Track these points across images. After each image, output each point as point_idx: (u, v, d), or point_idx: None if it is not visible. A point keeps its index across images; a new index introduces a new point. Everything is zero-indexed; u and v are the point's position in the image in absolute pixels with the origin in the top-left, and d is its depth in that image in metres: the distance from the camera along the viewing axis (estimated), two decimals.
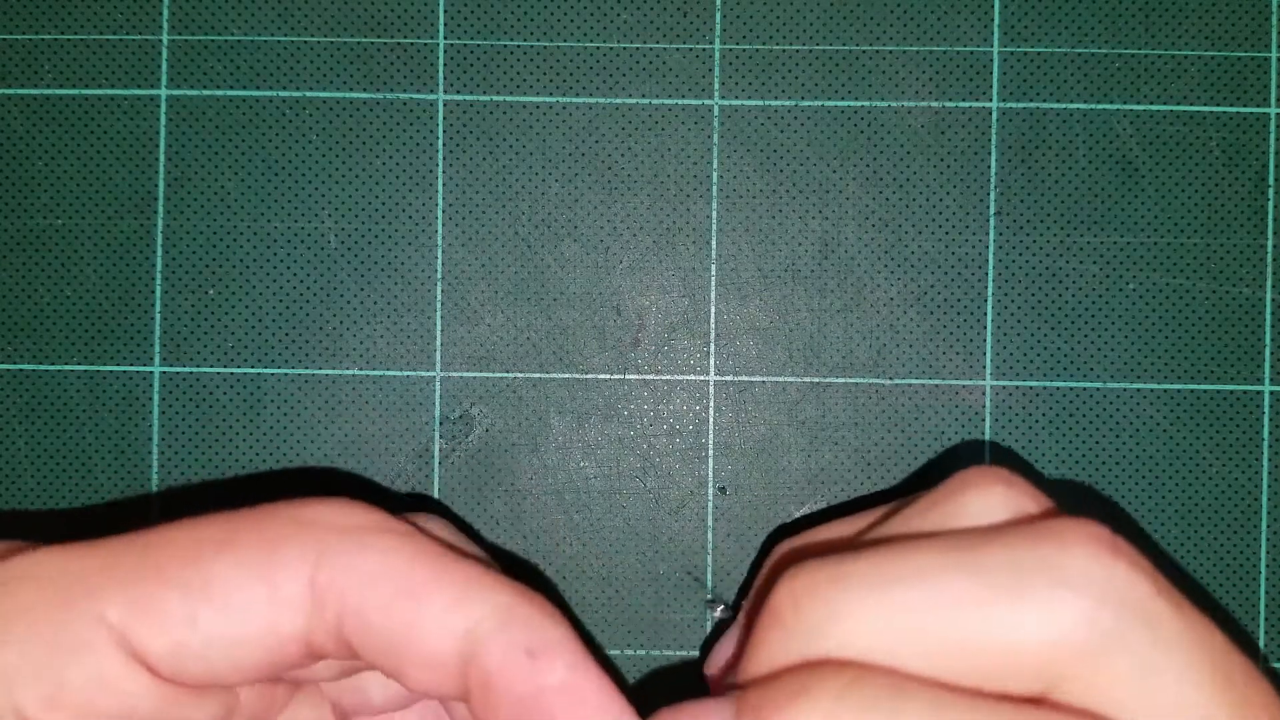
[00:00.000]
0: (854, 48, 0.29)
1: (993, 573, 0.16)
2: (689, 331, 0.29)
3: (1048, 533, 0.16)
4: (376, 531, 0.17)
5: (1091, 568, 0.16)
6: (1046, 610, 0.15)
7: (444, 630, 0.16)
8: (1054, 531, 0.16)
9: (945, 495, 0.18)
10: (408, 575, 0.17)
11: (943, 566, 0.16)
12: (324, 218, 0.29)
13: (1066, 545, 0.16)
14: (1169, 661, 0.15)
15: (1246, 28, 0.29)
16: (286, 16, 0.29)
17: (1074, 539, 0.16)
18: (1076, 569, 0.15)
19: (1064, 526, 0.16)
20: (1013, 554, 0.16)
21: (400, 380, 0.29)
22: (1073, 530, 0.16)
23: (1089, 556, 0.16)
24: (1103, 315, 0.29)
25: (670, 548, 0.29)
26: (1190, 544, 0.29)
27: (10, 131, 0.29)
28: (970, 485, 0.18)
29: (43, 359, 0.29)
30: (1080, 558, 0.16)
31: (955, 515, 0.18)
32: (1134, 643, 0.15)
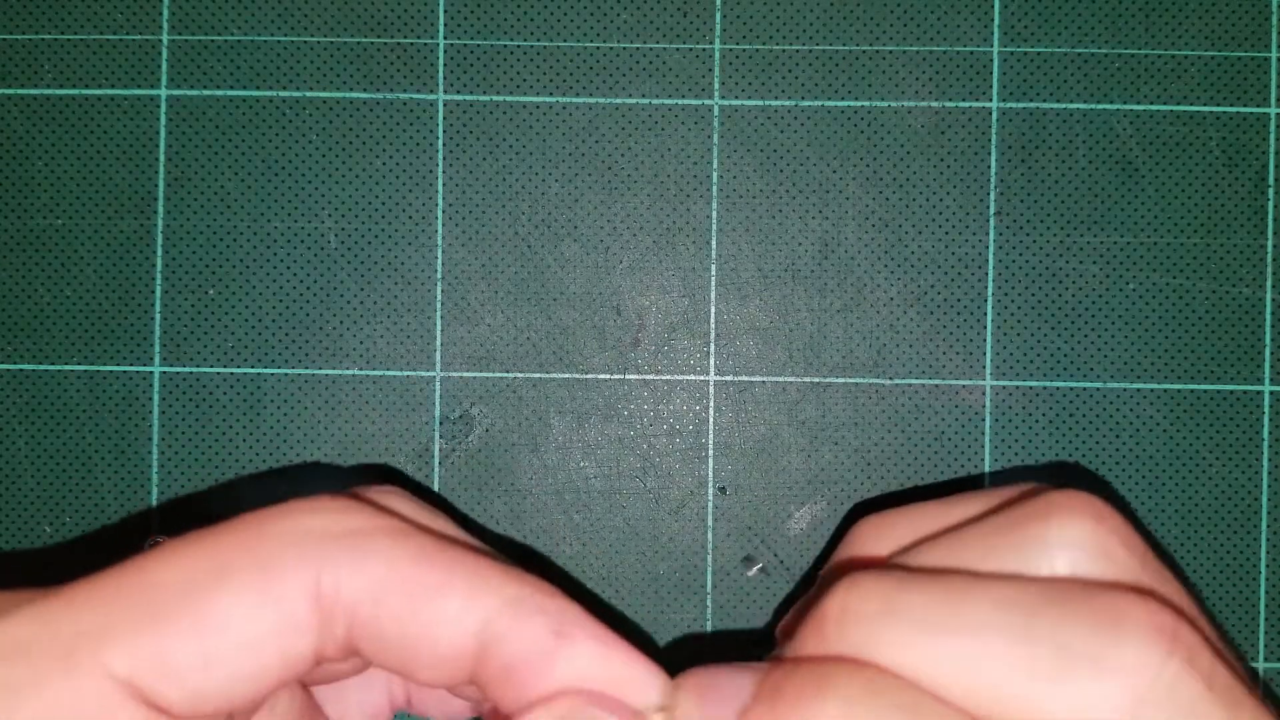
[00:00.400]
0: (854, 48, 0.29)
1: (1040, 648, 0.15)
2: (689, 331, 0.29)
3: (1106, 613, 0.16)
4: (371, 534, 0.17)
5: (1142, 663, 0.15)
6: (1087, 696, 0.15)
7: (458, 629, 0.16)
8: (1113, 613, 0.16)
9: (1028, 518, 0.18)
10: (414, 578, 0.16)
11: (994, 626, 0.16)
12: (324, 218, 0.29)
13: (1122, 632, 0.15)
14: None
15: (1246, 28, 0.29)
16: (286, 16, 0.29)
17: (1131, 627, 0.15)
18: (1126, 663, 0.15)
19: (1124, 609, 0.16)
20: (1065, 630, 0.15)
21: (400, 380, 0.29)
22: (1132, 616, 0.16)
23: (1141, 650, 0.15)
24: (1103, 315, 0.29)
25: (670, 548, 0.29)
26: (1190, 544, 0.29)
27: (10, 131, 0.29)
28: (1055, 514, 0.18)
29: (43, 359, 0.29)
30: (1132, 649, 0.15)
31: (1033, 545, 0.17)
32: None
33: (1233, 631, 0.29)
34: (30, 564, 0.29)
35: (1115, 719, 0.15)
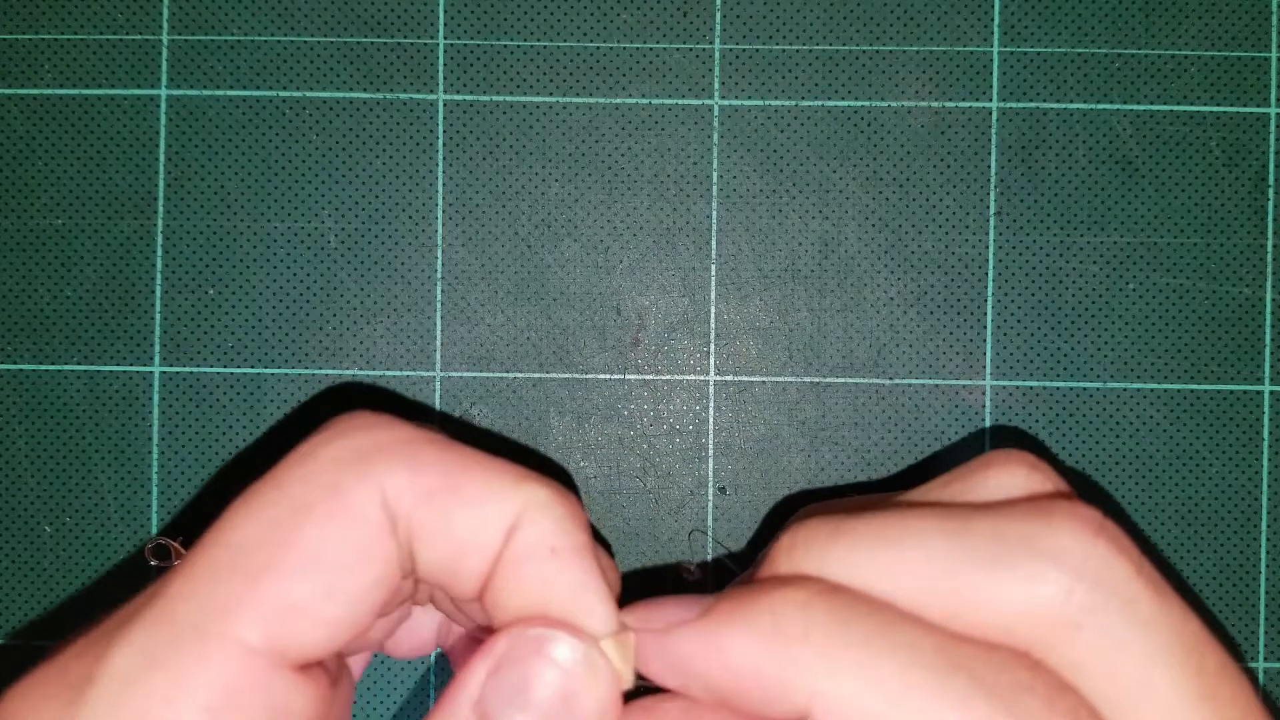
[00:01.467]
0: (854, 48, 0.29)
1: (978, 541, 0.16)
2: (689, 331, 0.29)
3: (1037, 509, 0.17)
4: (417, 443, 0.18)
5: (1072, 544, 0.16)
6: (1024, 581, 0.16)
7: (494, 519, 0.17)
8: (1042, 509, 0.17)
9: (967, 472, 0.19)
10: (461, 477, 0.17)
11: (932, 531, 0.17)
12: (324, 218, 0.29)
13: (1052, 522, 0.16)
14: (1141, 642, 0.16)
15: (1246, 28, 0.29)
16: (286, 16, 0.29)
17: (1060, 517, 0.17)
18: (1058, 545, 0.16)
19: (1053, 505, 0.17)
20: (1000, 526, 0.17)
21: (400, 380, 0.29)
22: (1061, 509, 0.17)
23: (1071, 533, 0.16)
24: (1103, 315, 0.29)
25: (670, 548, 0.29)
26: (1190, 544, 0.29)
27: (10, 131, 0.29)
28: (993, 465, 0.19)
29: (43, 359, 0.29)
30: (1063, 534, 0.16)
31: (971, 491, 0.18)
32: (1107, 620, 0.16)
33: (1233, 631, 0.29)
34: (30, 563, 0.29)
35: (1058, 594, 0.16)
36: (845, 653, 0.16)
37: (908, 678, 0.16)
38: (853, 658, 0.16)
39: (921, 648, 0.16)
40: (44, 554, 0.29)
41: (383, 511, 0.17)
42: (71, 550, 0.29)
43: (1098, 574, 0.16)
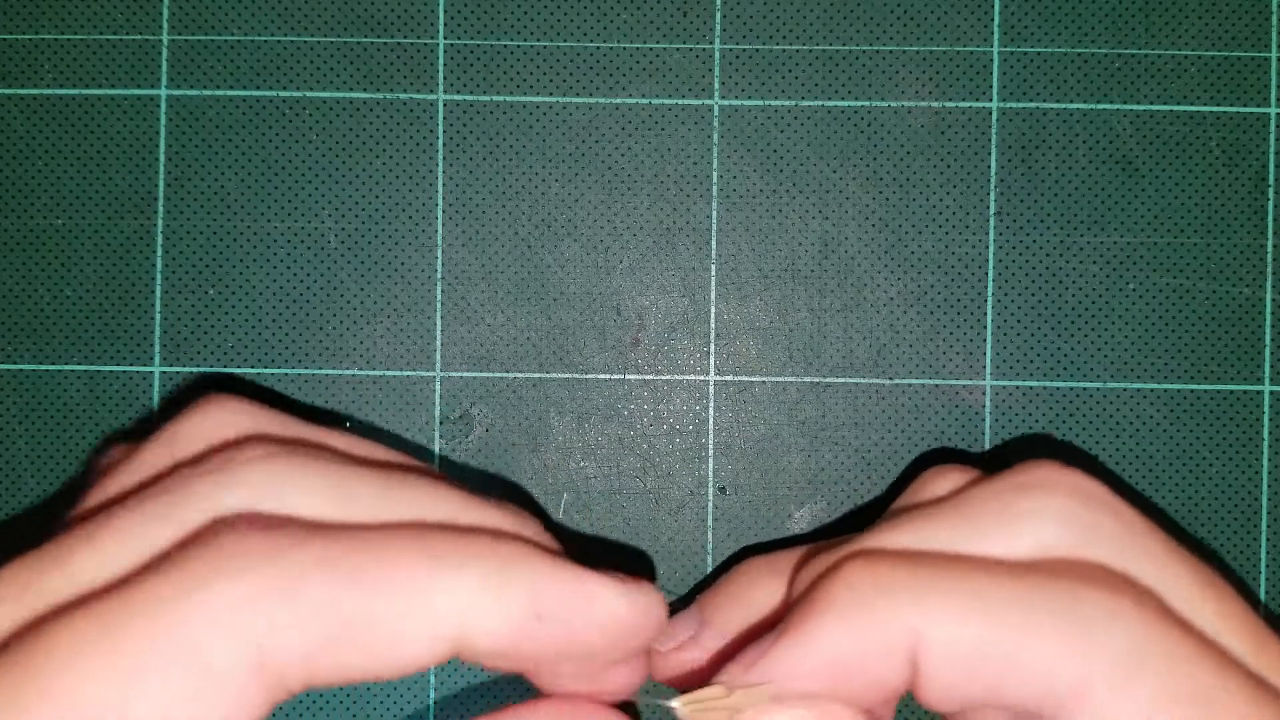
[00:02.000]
0: (854, 48, 0.29)
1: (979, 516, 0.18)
2: (689, 331, 0.29)
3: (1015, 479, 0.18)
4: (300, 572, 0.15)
5: (1055, 473, 0.18)
6: (1035, 523, 0.17)
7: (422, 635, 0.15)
8: (1025, 470, 0.18)
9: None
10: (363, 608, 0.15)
11: (938, 522, 0.18)
12: (324, 218, 0.29)
13: (1031, 475, 0.18)
14: (1140, 545, 0.17)
15: (1246, 28, 0.29)
16: (286, 16, 0.29)
17: (1040, 468, 0.18)
18: (1043, 476, 0.18)
19: (1031, 466, 0.19)
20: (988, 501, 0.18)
21: (400, 380, 0.29)
22: (1037, 465, 0.18)
23: (1050, 466, 0.18)
24: (1103, 315, 0.29)
25: (670, 548, 0.29)
26: (1190, 544, 0.29)
27: (10, 131, 0.29)
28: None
29: (43, 359, 0.29)
30: (1047, 472, 0.18)
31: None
32: (1111, 529, 0.17)
33: None
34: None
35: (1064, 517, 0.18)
36: (927, 588, 0.16)
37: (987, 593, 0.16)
38: (938, 589, 0.16)
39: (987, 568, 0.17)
40: None
41: (253, 674, 0.14)
42: None
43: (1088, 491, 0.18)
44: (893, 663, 0.16)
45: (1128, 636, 0.16)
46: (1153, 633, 0.16)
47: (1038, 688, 0.16)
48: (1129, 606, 0.16)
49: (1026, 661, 0.16)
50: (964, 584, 0.16)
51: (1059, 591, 0.16)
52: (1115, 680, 0.15)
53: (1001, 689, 0.16)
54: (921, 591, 0.16)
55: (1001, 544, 0.17)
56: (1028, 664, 0.16)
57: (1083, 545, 0.17)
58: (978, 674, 0.16)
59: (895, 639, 0.16)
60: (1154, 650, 0.15)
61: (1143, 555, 0.17)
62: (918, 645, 0.16)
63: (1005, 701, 0.16)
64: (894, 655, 0.16)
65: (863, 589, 0.17)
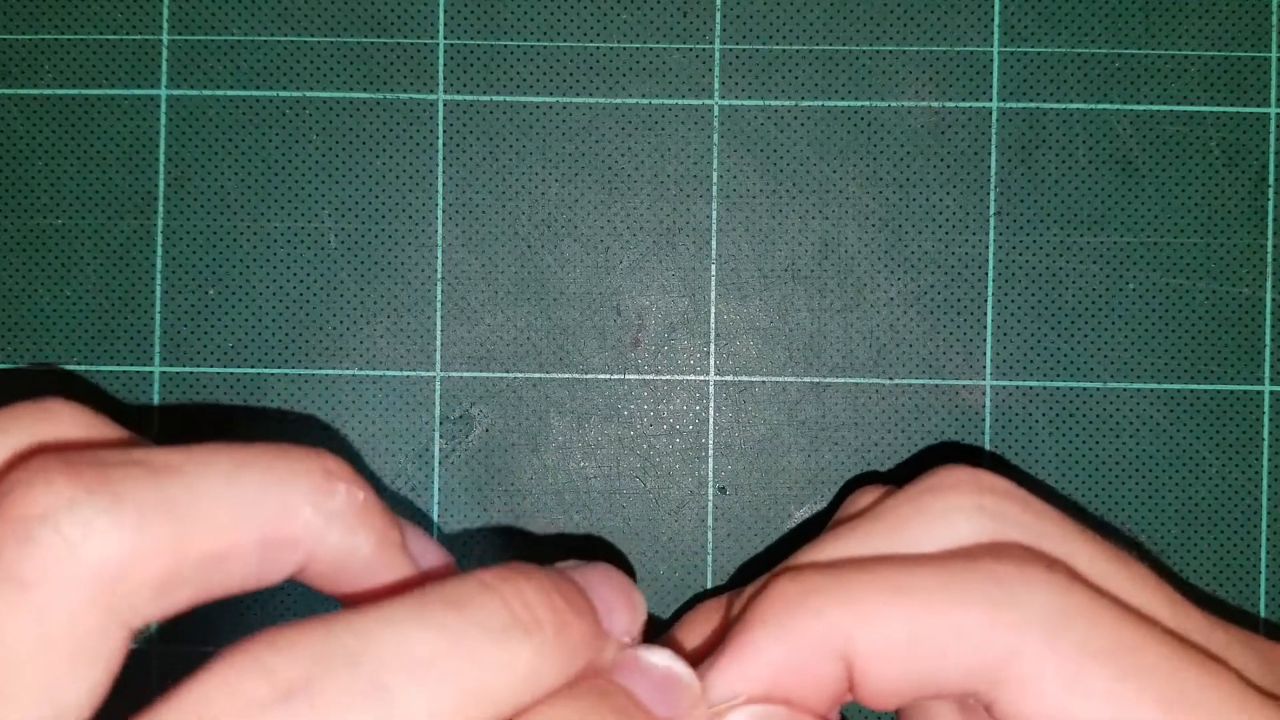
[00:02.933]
0: (854, 48, 0.29)
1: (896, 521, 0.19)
2: (689, 331, 0.29)
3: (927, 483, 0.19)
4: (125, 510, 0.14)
5: (962, 473, 0.19)
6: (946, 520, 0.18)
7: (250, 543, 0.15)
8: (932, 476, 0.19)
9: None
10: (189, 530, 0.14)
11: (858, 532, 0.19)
12: (324, 218, 0.29)
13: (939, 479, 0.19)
14: (1048, 527, 0.18)
15: (1246, 28, 0.29)
16: (286, 16, 0.29)
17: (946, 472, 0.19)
18: (951, 477, 0.19)
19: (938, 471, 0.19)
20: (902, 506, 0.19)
21: (400, 380, 0.29)
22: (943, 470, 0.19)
23: (957, 469, 0.19)
24: (1103, 315, 0.29)
25: (670, 548, 0.29)
26: (1190, 544, 0.29)
27: (10, 131, 0.29)
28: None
29: (43, 359, 0.29)
30: (951, 474, 0.19)
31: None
32: (1017, 516, 0.18)
33: None
34: None
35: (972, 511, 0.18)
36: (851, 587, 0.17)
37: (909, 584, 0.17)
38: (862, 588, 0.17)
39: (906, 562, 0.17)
40: None
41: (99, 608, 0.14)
42: None
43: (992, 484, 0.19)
44: (828, 665, 0.17)
45: (1047, 599, 0.16)
46: (1069, 594, 0.16)
47: (970, 663, 0.16)
48: (1043, 573, 0.17)
49: (957, 639, 0.16)
50: (886, 579, 0.17)
51: (976, 571, 0.17)
52: (1042, 641, 0.16)
53: (937, 673, 0.16)
54: (846, 592, 0.17)
55: (917, 544, 0.18)
56: (957, 643, 0.16)
57: (993, 532, 0.18)
58: (912, 662, 0.16)
59: (826, 641, 0.17)
60: (1073, 610, 0.16)
61: (1052, 536, 0.18)
62: (849, 645, 0.17)
63: (943, 686, 0.17)
64: (828, 657, 0.17)
65: (790, 598, 0.17)
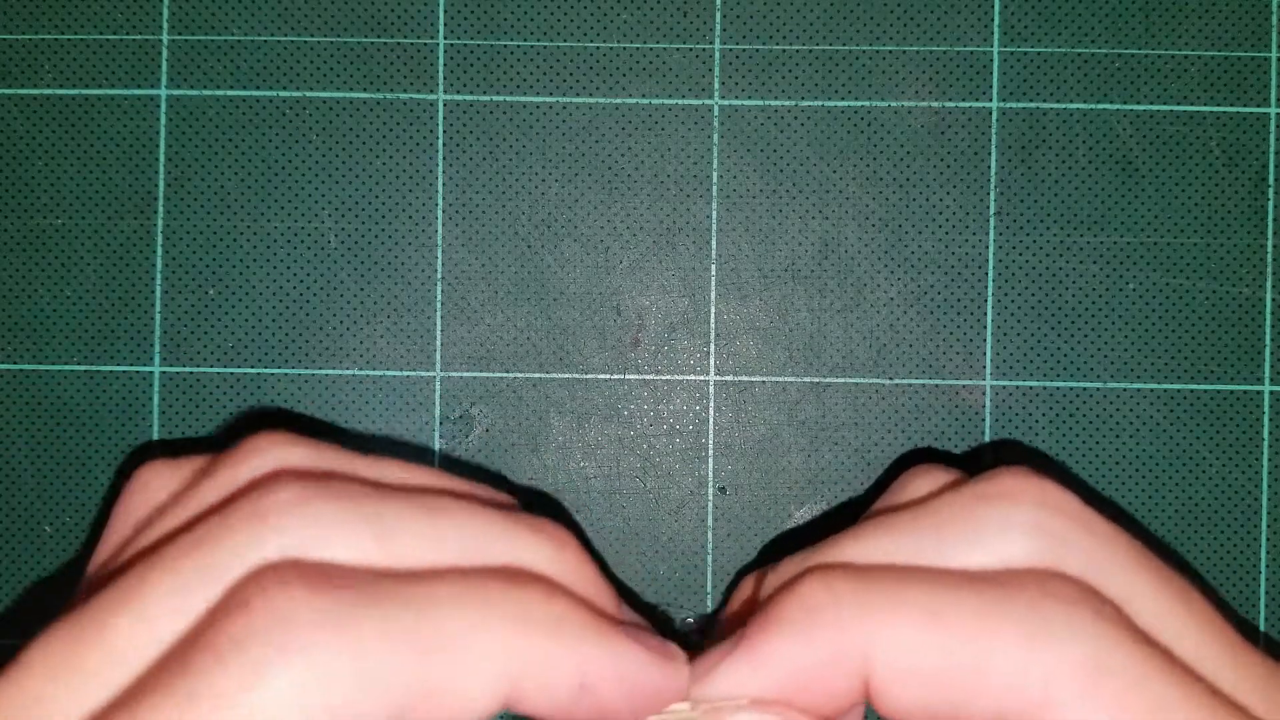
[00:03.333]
0: (854, 48, 0.29)
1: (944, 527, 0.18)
2: (689, 331, 0.29)
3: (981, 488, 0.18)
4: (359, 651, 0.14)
5: (1023, 483, 0.18)
6: (1001, 535, 0.17)
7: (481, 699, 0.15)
8: (991, 479, 0.18)
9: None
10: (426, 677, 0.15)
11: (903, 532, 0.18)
12: (324, 218, 0.29)
13: (1000, 484, 0.18)
14: (1109, 556, 0.17)
15: (1246, 28, 0.29)
16: (286, 16, 0.29)
17: (1007, 476, 0.18)
18: (1011, 485, 0.18)
19: (998, 474, 0.18)
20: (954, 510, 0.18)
21: (400, 380, 0.29)
22: (1004, 474, 0.18)
23: (1018, 475, 0.18)
24: (1103, 315, 0.29)
25: (670, 548, 0.29)
26: (1190, 544, 0.29)
27: (10, 131, 0.29)
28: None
29: (43, 359, 0.29)
30: (1014, 481, 0.18)
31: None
32: (1078, 541, 0.17)
33: None
34: (30, 563, 0.29)
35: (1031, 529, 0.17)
36: (880, 602, 0.16)
37: (944, 609, 0.16)
38: (891, 604, 0.16)
39: (944, 581, 0.17)
40: (44, 554, 0.29)
41: None
42: (71, 550, 0.29)
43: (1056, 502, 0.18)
44: (844, 678, 0.16)
45: (1090, 647, 0.16)
46: (1113, 644, 0.16)
47: (1002, 700, 0.16)
48: (1088, 618, 0.16)
49: (986, 675, 0.16)
50: (918, 598, 0.16)
51: (1018, 604, 0.16)
52: (1077, 692, 0.15)
53: (964, 702, 0.16)
54: (874, 606, 0.16)
55: (965, 555, 0.18)
56: (988, 678, 0.16)
57: (1049, 557, 0.17)
58: (937, 688, 0.16)
59: (846, 654, 0.16)
60: (1115, 661, 0.16)
61: (1111, 567, 0.17)
62: (870, 660, 0.16)
63: (970, 715, 0.16)
64: (845, 670, 0.16)
65: (816, 604, 0.17)
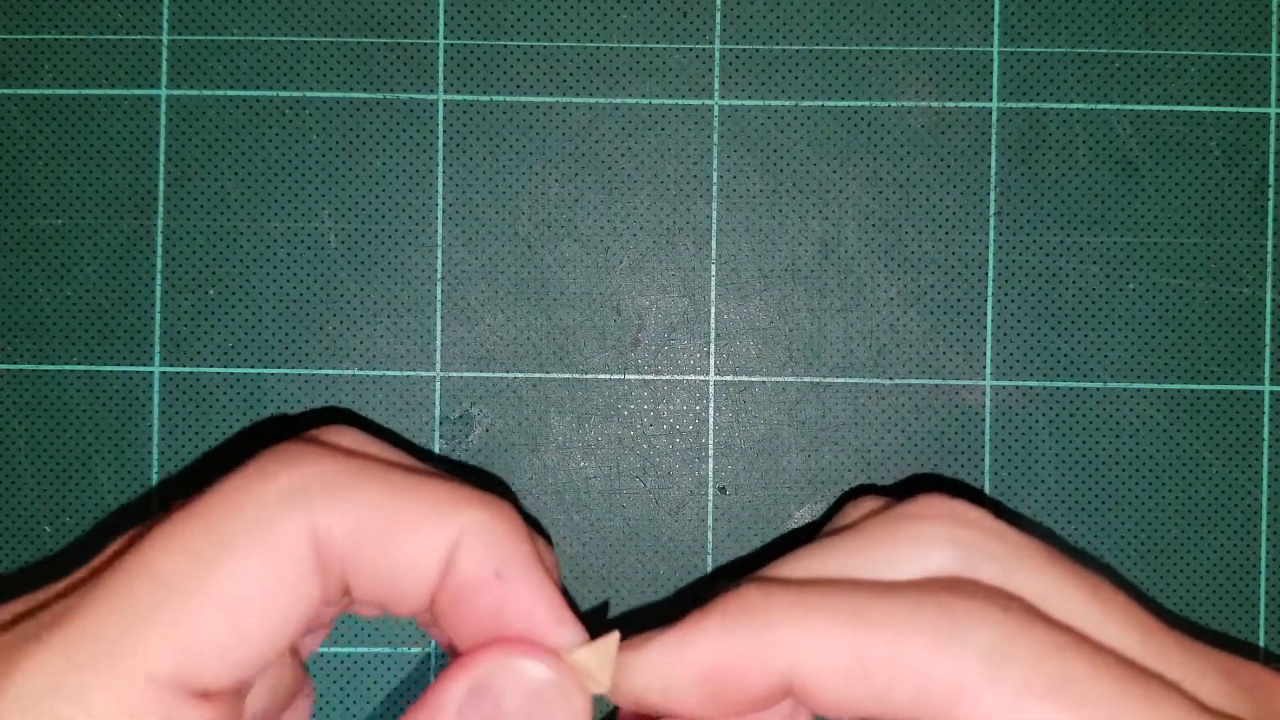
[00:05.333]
0: (854, 48, 0.29)
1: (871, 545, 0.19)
2: (689, 331, 0.29)
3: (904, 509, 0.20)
4: (348, 477, 0.18)
5: (939, 503, 0.19)
6: (919, 549, 0.19)
7: (429, 556, 0.18)
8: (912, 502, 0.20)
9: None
10: (393, 512, 0.18)
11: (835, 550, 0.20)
12: (324, 218, 0.29)
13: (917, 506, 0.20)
14: (1022, 561, 0.19)
15: (1246, 28, 0.29)
16: (286, 16, 0.29)
17: (925, 499, 0.20)
18: (929, 506, 0.19)
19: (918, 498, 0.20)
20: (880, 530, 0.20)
21: (400, 380, 0.29)
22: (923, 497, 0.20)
23: (936, 498, 0.20)
24: (1103, 315, 0.29)
25: (670, 548, 0.29)
26: (1190, 544, 0.29)
27: (10, 131, 0.29)
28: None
29: (43, 359, 0.29)
30: (929, 504, 0.20)
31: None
32: (990, 549, 0.19)
33: (1233, 631, 0.29)
34: (30, 564, 0.29)
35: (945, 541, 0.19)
36: (808, 606, 0.18)
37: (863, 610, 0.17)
38: (818, 608, 0.17)
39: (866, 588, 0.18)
40: (44, 554, 0.29)
41: (310, 548, 0.17)
42: (71, 550, 0.29)
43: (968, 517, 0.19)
44: (764, 672, 0.17)
45: (993, 633, 0.17)
46: (1018, 629, 0.17)
47: (915, 692, 0.17)
48: (994, 609, 0.17)
49: (901, 668, 0.17)
50: (841, 602, 0.18)
51: (929, 603, 0.17)
52: (985, 675, 0.16)
53: (882, 700, 0.17)
54: (802, 607, 0.18)
55: (890, 569, 0.19)
56: (902, 671, 0.17)
57: (964, 565, 0.19)
58: (855, 687, 0.17)
59: (768, 654, 0.17)
60: (1019, 645, 0.17)
61: (1023, 570, 0.19)
62: (797, 660, 0.17)
63: (890, 712, 0.17)
64: (766, 665, 0.17)
65: (749, 605, 0.18)
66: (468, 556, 0.18)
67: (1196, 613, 0.29)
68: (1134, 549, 0.29)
